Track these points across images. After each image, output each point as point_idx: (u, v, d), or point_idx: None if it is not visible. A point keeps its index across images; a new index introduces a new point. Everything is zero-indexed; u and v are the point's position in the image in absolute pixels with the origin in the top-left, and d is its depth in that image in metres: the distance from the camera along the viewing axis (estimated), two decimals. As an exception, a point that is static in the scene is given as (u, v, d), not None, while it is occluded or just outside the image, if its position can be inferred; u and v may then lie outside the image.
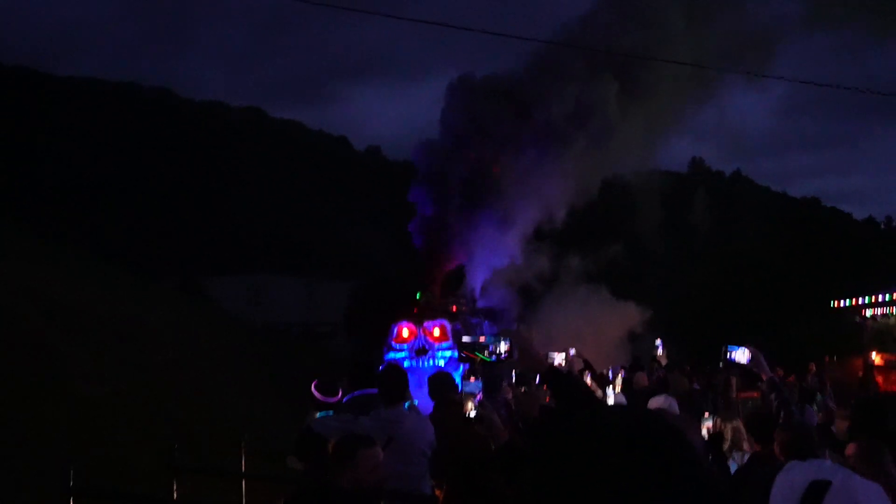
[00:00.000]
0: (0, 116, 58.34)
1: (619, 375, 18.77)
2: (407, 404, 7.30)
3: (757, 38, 29.86)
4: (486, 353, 21.90)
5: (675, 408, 8.68)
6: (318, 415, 7.66)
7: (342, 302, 38.58)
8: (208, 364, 21.88)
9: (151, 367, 19.17)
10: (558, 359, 15.10)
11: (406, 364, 19.96)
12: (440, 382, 7.91)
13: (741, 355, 13.17)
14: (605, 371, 20.75)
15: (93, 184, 55.10)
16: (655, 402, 8.65)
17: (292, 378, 20.05)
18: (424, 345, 21.36)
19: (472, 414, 6.91)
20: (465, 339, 21.77)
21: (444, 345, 21.49)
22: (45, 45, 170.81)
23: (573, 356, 16.07)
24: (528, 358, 4.27)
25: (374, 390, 7.35)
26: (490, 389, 8.93)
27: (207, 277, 41.94)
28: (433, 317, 22.35)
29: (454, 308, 25.59)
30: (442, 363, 20.91)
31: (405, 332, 21.78)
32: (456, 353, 21.40)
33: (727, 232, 65.04)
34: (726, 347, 13.59)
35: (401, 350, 21.56)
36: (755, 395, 19.42)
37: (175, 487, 9.64)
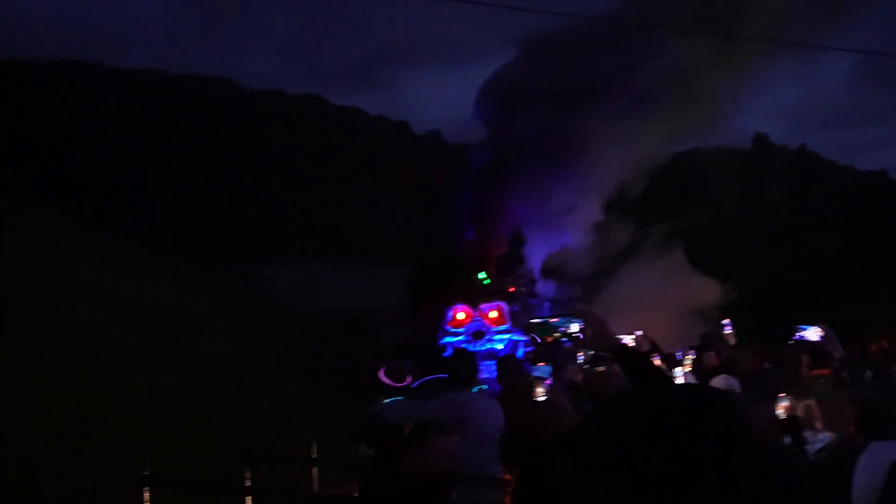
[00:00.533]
0: (61, 108, 59.22)
1: (688, 355, 18.55)
2: (476, 388, 7.29)
3: (825, 8, 28.69)
4: (556, 333, 20.88)
5: (737, 386, 8.66)
6: (386, 400, 7.69)
7: (400, 287, 38.64)
8: (266, 352, 22.04)
9: (207, 356, 19.35)
10: (626, 340, 14.57)
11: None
12: (509, 366, 7.89)
13: (812, 334, 12.89)
14: (673, 351, 20.55)
15: (149, 174, 55.74)
16: (716, 382, 8.59)
17: (352, 364, 20.07)
18: (481, 328, 20.94)
19: (542, 398, 6.84)
20: (535, 320, 20.19)
21: (502, 327, 21.01)
22: (108, 38, 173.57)
23: (640, 337, 15.87)
24: (602, 338, 4.18)
25: (443, 375, 7.36)
26: (557, 372, 8.87)
27: (264, 266, 42.22)
28: (489, 299, 21.86)
29: (511, 289, 24.76)
30: (500, 347, 20.34)
31: (461, 315, 21.39)
32: (514, 336, 20.68)
33: (793, 208, 63.91)
34: (796, 327, 13.28)
35: (457, 334, 21.17)
36: (826, 372, 19.43)
37: (248, 476, 9.70)
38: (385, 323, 31.05)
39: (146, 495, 8.72)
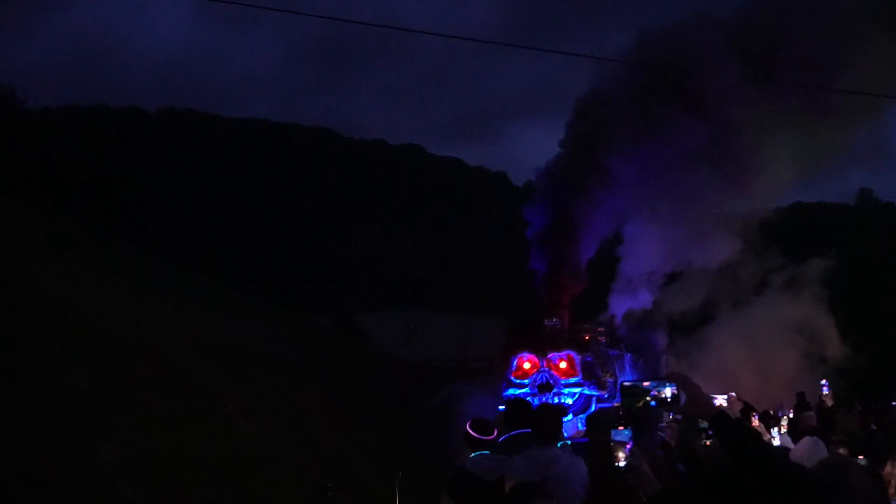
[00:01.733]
0: (169, 157, 61.25)
1: (787, 415, 18.09)
2: (560, 444, 7.19)
3: None
4: (647, 398, 19.95)
5: (823, 450, 8.45)
6: (472, 454, 7.64)
7: (498, 337, 38.56)
8: (364, 399, 22.16)
9: (307, 403, 19.58)
10: (718, 400, 13.73)
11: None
12: (599, 422, 7.76)
13: (920, 391, 12.28)
14: (771, 410, 20.03)
15: (254, 223, 57.04)
16: (802, 444, 8.42)
17: (445, 414, 19.87)
18: (549, 379, 18.95)
19: (622, 463, 6.70)
20: (626, 382, 18.59)
21: (572, 380, 19.05)
22: (219, 91, 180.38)
23: (732, 398, 15.46)
24: (697, 404, 4.08)
25: (528, 430, 7.28)
26: (640, 435, 8.67)
27: (363, 314, 42.66)
28: (559, 347, 19.71)
29: (586, 337, 22.35)
30: (569, 401, 18.76)
31: (526, 365, 19.42)
32: (587, 390, 18.93)
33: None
34: None
35: (522, 385, 19.24)
36: None
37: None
38: (482, 373, 30.95)
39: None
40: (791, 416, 17.96)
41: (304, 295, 42.19)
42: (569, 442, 8.59)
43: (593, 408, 17.97)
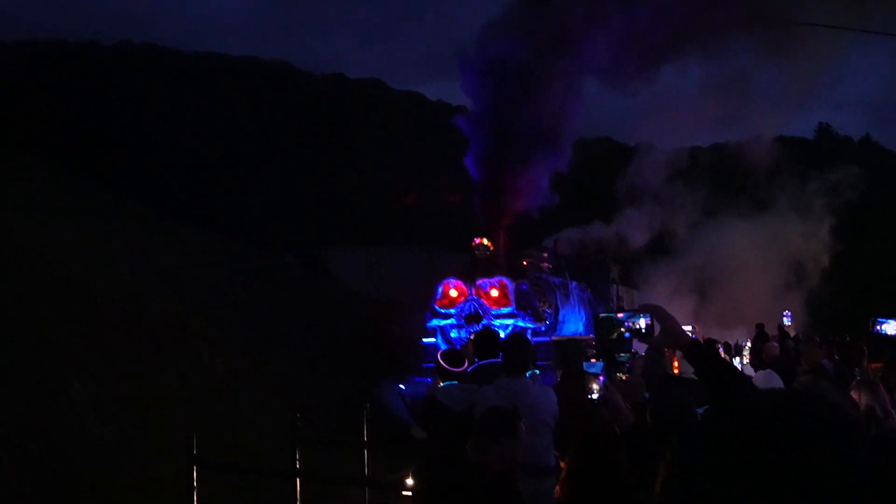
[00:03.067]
0: (122, 95, 60.39)
1: (746, 346, 18.40)
2: (529, 374, 7.33)
3: None
4: (622, 328, 18.59)
5: (779, 381, 8.58)
6: (441, 384, 7.80)
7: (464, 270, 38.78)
8: (329, 338, 22.30)
9: (274, 339, 19.72)
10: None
11: (454, 335, 17.28)
12: (571, 352, 7.93)
13: (893, 328, 12.62)
14: (733, 342, 20.33)
15: (212, 159, 56.58)
16: (756, 379, 8.54)
17: (411, 349, 19.76)
18: (478, 309, 17.14)
19: (596, 395, 6.87)
20: (601, 314, 17.64)
21: (505, 310, 17.10)
22: (176, 25, 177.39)
23: (696, 331, 15.54)
24: (672, 336, 4.18)
25: (499, 360, 7.43)
26: (613, 368, 8.78)
27: (327, 250, 42.66)
28: (491, 273, 17.68)
29: (524, 262, 20.44)
30: (501, 334, 17.23)
31: (453, 293, 17.60)
32: (521, 321, 16.91)
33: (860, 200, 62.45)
34: (874, 319, 13.03)
35: (447, 315, 17.53)
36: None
37: (298, 458, 9.92)
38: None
39: (195, 476, 8.96)
40: (750, 346, 18.24)
41: (268, 232, 42.05)
42: (537, 372, 8.79)
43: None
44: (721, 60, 27.16)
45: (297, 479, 9.48)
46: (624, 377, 11.76)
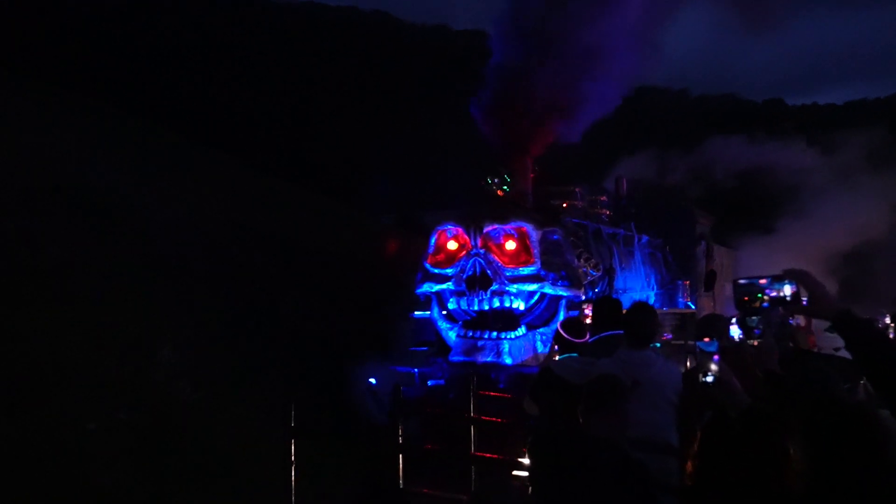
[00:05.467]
0: (212, 43, 61.02)
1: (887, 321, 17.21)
2: (653, 346, 7.02)
3: None
4: (764, 295, 15.03)
5: None
6: (559, 357, 7.53)
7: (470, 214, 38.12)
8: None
9: (367, 302, 19.60)
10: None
11: (451, 305, 12.70)
12: (710, 325, 7.50)
13: None
14: (873, 316, 19.01)
15: (311, 115, 56.89)
16: None
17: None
18: (485, 268, 12.02)
19: (710, 377, 6.49)
20: (741, 280, 13.24)
21: (525, 270, 12.05)
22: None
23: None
24: (821, 303, 3.86)
25: (621, 331, 7.06)
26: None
27: (425, 212, 42.56)
28: (505, 217, 12.38)
29: (564, 205, 14.88)
30: (520, 305, 12.14)
31: (451, 245, 12.63)
32: (549, 287, 12.15)
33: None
34: None
35: (442, 277, 12.56)
36: None
37: (399, 430, 9.63)
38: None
39: (292, 449, 8.86)
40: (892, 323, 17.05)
41: (364, 192, 42.22)
42: (658, 345, 8.35)
43: (561, 316, 12.10)
44: None
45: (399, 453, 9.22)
46: (756, 343, 10.99)
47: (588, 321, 9.31)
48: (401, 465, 8.96)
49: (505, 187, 13.45)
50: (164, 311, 13.07)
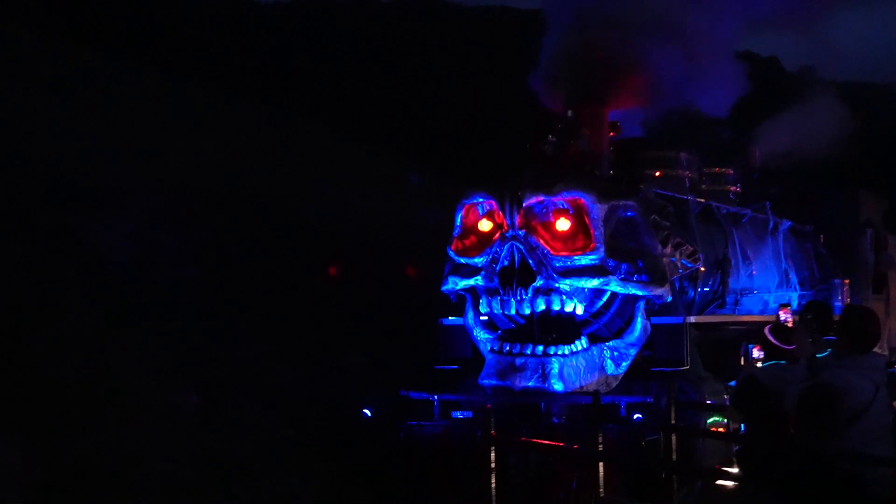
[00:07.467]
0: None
1: None
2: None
3: None
4: None
5: None
6: (763, 364, 7.34)
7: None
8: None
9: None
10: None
11: (483, 308, 10.04)
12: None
13: None
14: None
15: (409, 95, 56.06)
16: None
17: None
18: (524, 255, 9.24)
19: None
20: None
21: (583, 259, 9.23)
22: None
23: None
24: None
25: (832, 338, 6.68)
26: None
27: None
28: (551, 186, 9.53)
29: (657, 173, 11.92)
30: (578, 308, 9.44)
31: (483, 225, 9.86)
32: (617, 284, 9.34)
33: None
34: None
35: (470, 269, 9.88)
36: None
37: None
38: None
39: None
40: None
41: (455, 175, 42.52)
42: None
43: (639, 324, 9.68)
44: None
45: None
46: None
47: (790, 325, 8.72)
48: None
49: (571, 143, 9.95)
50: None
